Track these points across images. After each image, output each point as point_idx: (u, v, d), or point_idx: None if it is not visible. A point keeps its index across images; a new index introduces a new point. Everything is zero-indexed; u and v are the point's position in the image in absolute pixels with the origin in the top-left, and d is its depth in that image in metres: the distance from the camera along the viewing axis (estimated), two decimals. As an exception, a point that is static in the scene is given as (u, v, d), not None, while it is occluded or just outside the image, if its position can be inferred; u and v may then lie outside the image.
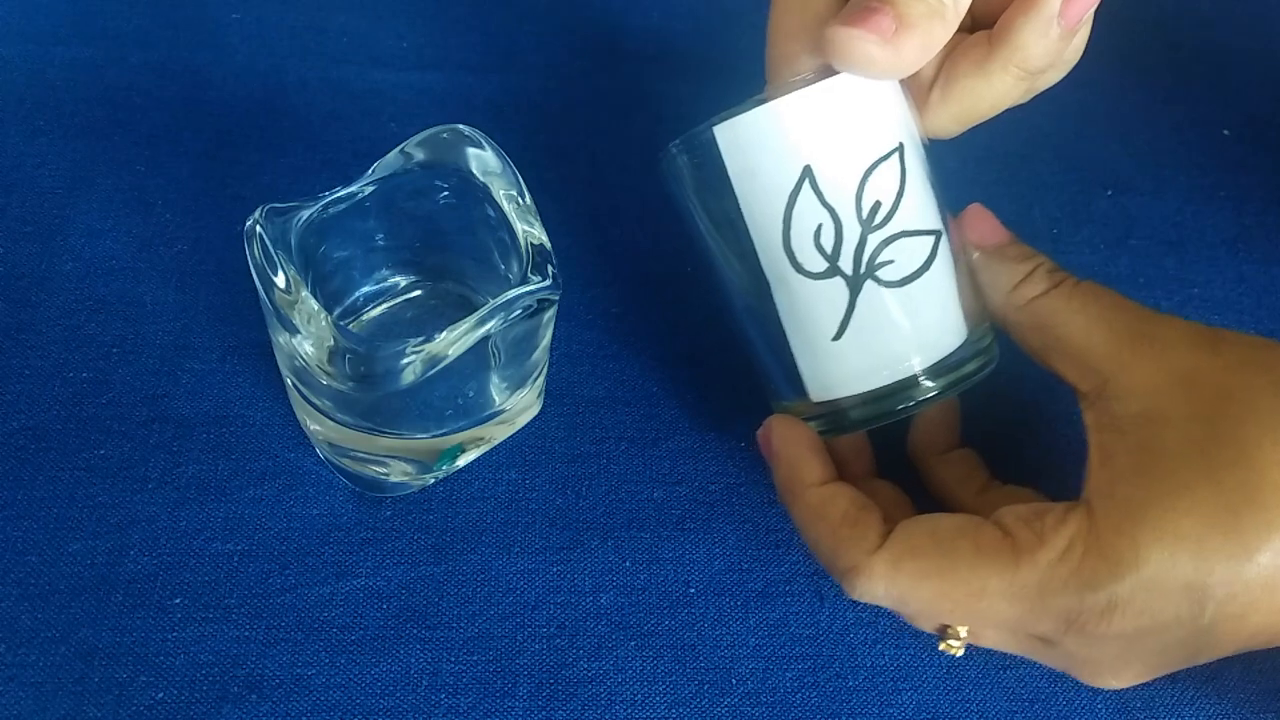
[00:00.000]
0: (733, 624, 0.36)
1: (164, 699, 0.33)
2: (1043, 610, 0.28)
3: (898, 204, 0.30)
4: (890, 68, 0.29)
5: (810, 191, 0.29)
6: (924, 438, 0.37)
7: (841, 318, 0.31)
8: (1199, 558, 0.27)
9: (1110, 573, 0.28)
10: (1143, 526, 0.28)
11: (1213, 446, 0.28)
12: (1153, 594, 0.27)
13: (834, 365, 0.32)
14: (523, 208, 0.32)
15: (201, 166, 0.44)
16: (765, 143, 0.30)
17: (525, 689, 0.34)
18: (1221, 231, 0.46)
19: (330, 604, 0.35)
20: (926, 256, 0.31)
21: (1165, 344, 0.30)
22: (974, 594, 0.29)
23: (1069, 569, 0.28)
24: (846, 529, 0.31)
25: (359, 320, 0.37)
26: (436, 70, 0.48)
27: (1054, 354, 0.32)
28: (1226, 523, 0.27)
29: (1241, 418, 0.28)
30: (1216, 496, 0.27)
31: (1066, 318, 0.31)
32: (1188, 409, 0.29)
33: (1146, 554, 0.27)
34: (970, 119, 0.32)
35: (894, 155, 0.30)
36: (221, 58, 0.48)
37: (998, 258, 0.33)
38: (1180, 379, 0.29)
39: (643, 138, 0.42)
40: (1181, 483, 0.28)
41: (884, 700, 0.35)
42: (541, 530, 0.37)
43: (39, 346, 0.39)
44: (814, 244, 0.30)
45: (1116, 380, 0.30)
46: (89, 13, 0.48)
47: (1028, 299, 0.32)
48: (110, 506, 0.36)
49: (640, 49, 0.50)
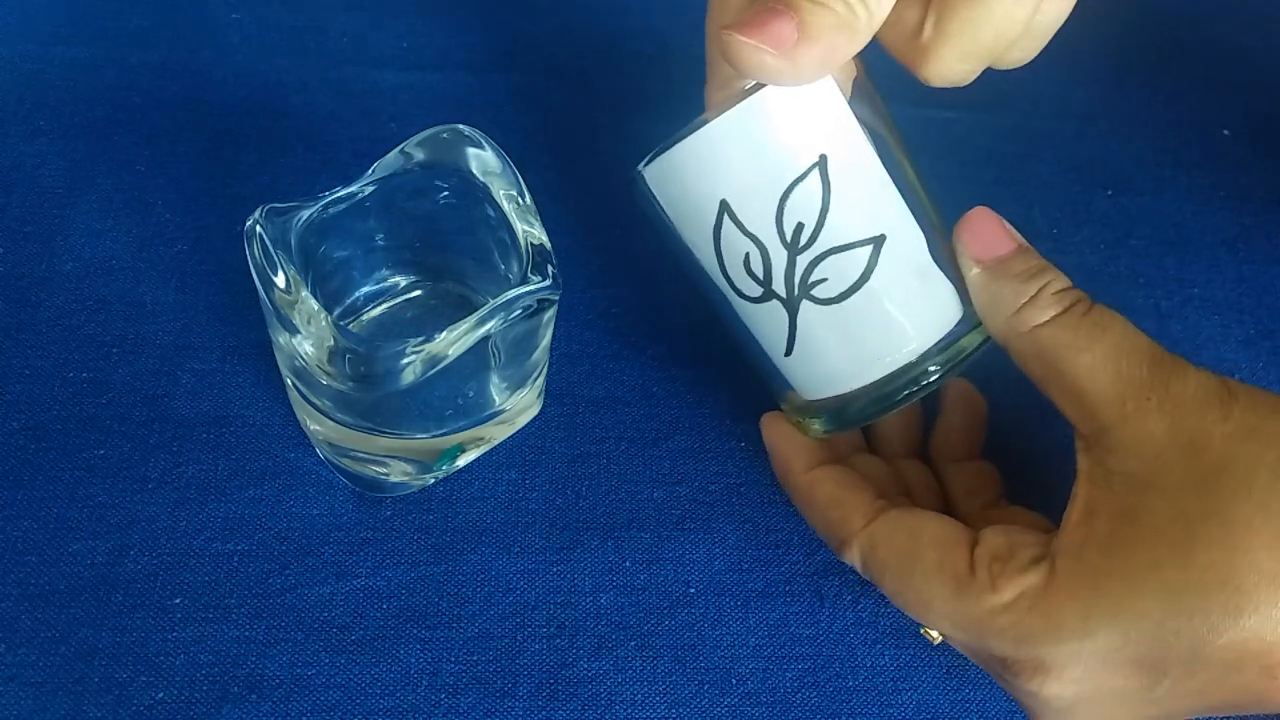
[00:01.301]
0: (733, 624, 0.36)
1: (164, 699, 0.33)
2: (980, 645, 0.29)
3: (823, 221, 0.29)
4: (789, 79, 0.27)
5: (731, 223, 0.29)
6: (942, 443, 0.38)
7: (786, 337, 0.31)
8: (1156, 639, 0.26)
9: (1049, 637, 0.27)
10: (1100, 600, 0.27)
11: (1198, 521, 0.26)
12: (1096, 666, 0.27)
13: (797, 375, 0.32)
14: (523, 208, 0.32)
15: (201, 166, 0.44)
16: (683, 180, 0.29)
17: (525, 689, 0.34)
18: (1221, 231, 0.46)
19: (330, 604, 0.35)
20: (864, 268, 0.30)
21: (1175, 401, 0.27)
22: (923, 603, 0.30)
23: (1009, 620, 0.28)
24: (834, 510, 0.33)
25: (359, 320, 0.37)
26: (436, 70, 0.48)
27: (1055, 389, 0.29)
28: (1192, 605, 0.26)
29: (1236, 492, 0.26)
30: (1187, 578, 0.26)
31: (1072, 354, 0.28)
32: (1183, 476, 0.27)
33: (1096, 627, 0.27)
34: (976, 54, 0.29)
35: (813, 172, 0.29)
36: (221, 58, 0.48)
37: (1001, 274, 0.30)
38: (1183, 443, 0.27)
39: (643, 138, 0.42)
40: (1153, 562, 0.26)
41: (884, 700, 0.35)
42: (541, 530, 0.37)
43: (39, 346, 0.39)
44: (745, 271, 0.30)
45: (1116, 432, 0.28)
46: (89, 13, 0.48)
47: (1031, 326, 0.29)
48: (110, 506, 0.36)
49: (640, 49, 0.50)
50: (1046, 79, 0.49)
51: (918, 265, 0.31)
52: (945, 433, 0.38)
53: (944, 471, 0.37)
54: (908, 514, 0.32)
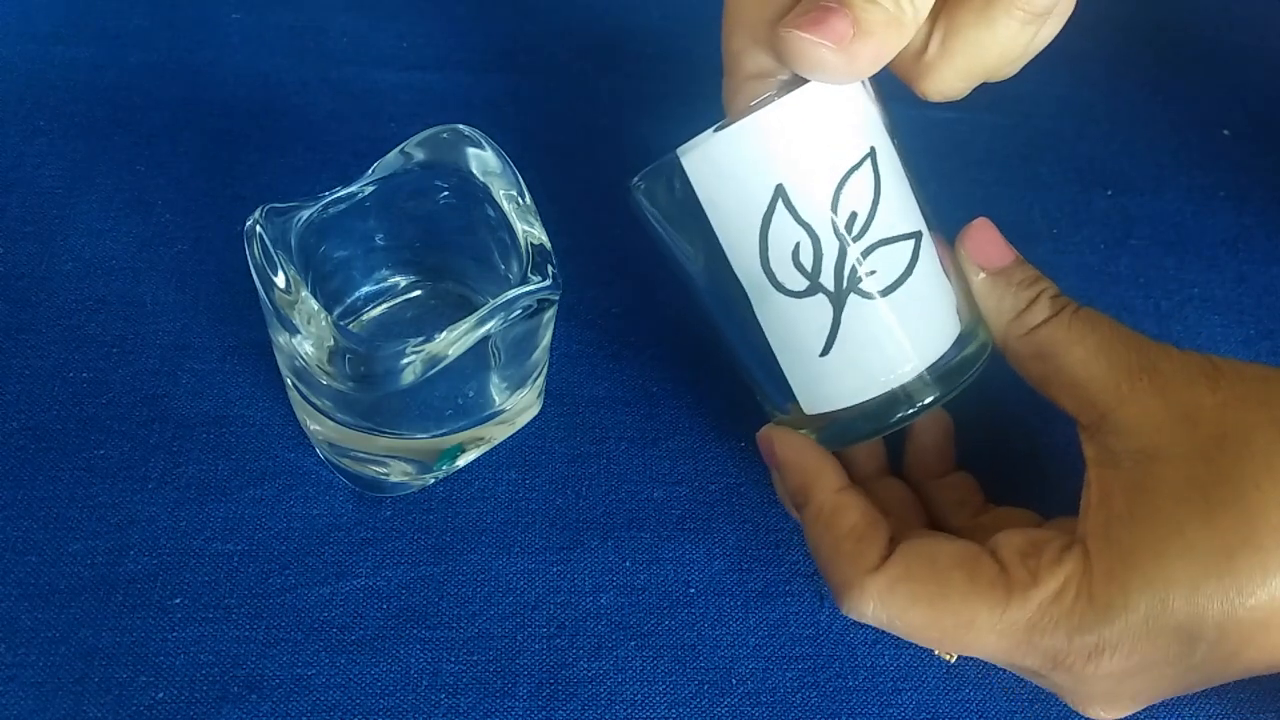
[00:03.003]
0: (733, 624, 0.36)
1: (164, 699, 0.33)
2: (1029, 648, 0.29)
3: (874, 211, 0.29)
4: (844, 75, 0.28)
5: (785, 211, 0.29)
6: (918, 462, 0.37)
7: (827, 334, 0.30)
8: (1191, 602, 0.27)
9: (1099, 618, 0.28)
10: (1134, 573, 0.28)
11: (1210, 486, 0.28)
12: (1142, 637, 0.27)
13: (826, 380, 0.31)
14: (523, 208, 0.32)
15: (201, 166, 0.44)
16: (734, 166, 0.29)
17: (525, 689, 0.34)
18: (1221, 231, 0.46)
19: (330, 604, 0.35)
20: (909, 260, 0.30)
21: (1164, 378, 0.29)
22: (963, 625, 0.29)
23: (1061, 611, 0.28)
24: (850, 543, 0.31)
25: (359, 320, 0.37)
26: (436, 70, 0.48)
27: (1054, 385, 0.31)
28: (1220, 566, 0.27)
29: (1239, 455, 0.28)
30: (1211, 539, 0.27)
31: (1067, 348, 0.31)
32: (1187, 446, 0.28)
33: (1137, 600, 0.27)
34: (977, 74, 0.30)
35: (866, 161, 0.29)
36: (221, 58, 0.48)
37: (1003, 282, 0.32)
38: (1180, 415, 0.29)
39: (643, 138, 0.42)
40: (1175, 526, 0.28)
41: (884, 700, 0.35)
42: (541, 530, 0.37)
43: (39, 346, 0.39)
44: (793, 263, 0.29)
45: (1115, 415, 0.30)
46: (89, 13, 0.48)
47: (1029, 327, 0.32)
48: (110, 506, 0.36)
49: (640, 49, 0.50)
50: (1046, 79, 0.49)
51: (940, 264, 0.32)
52: (919, 453, 0.37)
53: (925, 488, 0.37)
54: (914, 545, 0.31)
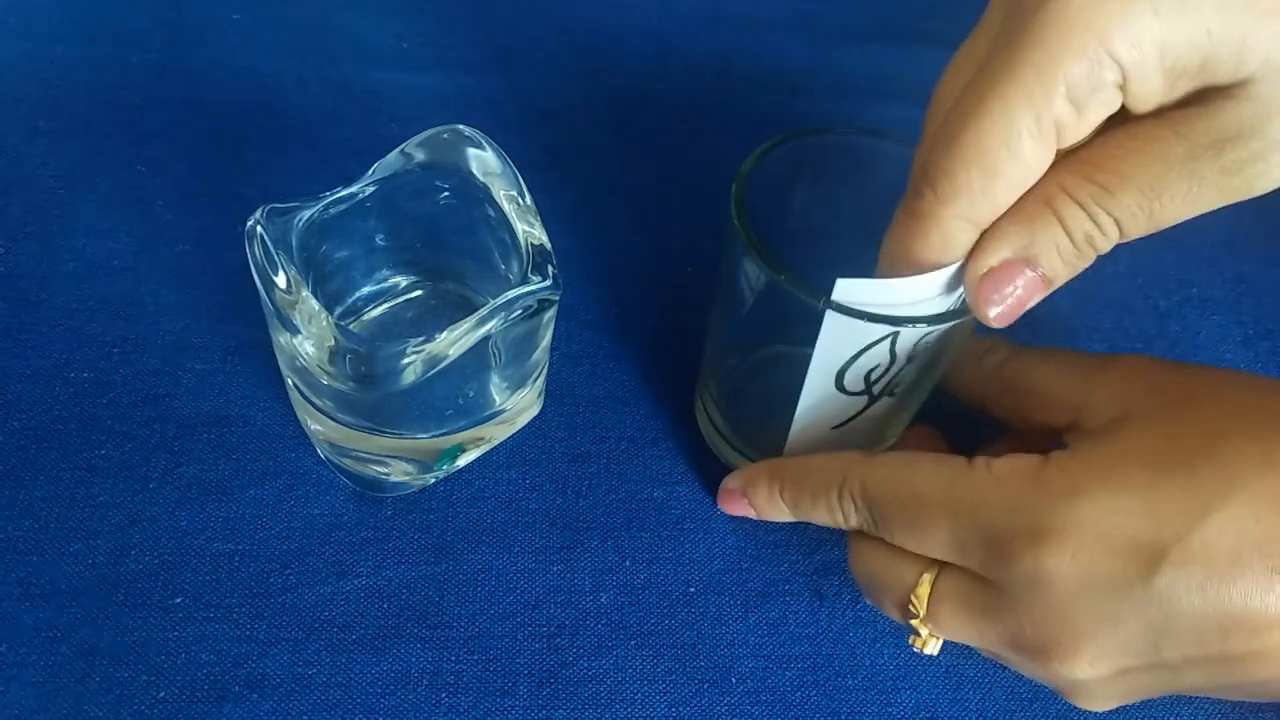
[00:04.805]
0: (732, 624, 0.36)
1: (165, 698, 0.33)
2: (973, 529, 0.29)
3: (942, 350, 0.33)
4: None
5: (887, 347, 0.31)
6: None
7: (849, 417, 0.34)
8: (1148, 511, 0.26)
9: (1038, 499, 0.28)
10: (1089, 467, 0.28)
11: (1179, 434, 0.28)
12: (1091, 541, 0.27)
13: (817, 440, 0.35)
14: (523, 208, 0.32)
15: (201, 166, 0.44)
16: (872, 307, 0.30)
17: (525, 689, 0.34)
18: (1221, 231, 0.46)
19: (331, 604, 0.35)
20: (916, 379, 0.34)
21: (1128, 368, 0.31)
22: (918, 499, 0.30)
23: (1001, 494, 0.29)
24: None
25: (359, 320, 0.37)
26: (436, 70, 0.48)
27: (1027, 406, 0.33)
28: (1182, 478, 0.27)
29: (1205, 404, 0.29)
30: (1172, 452, 0.27)
31: (1031, 372, 0.34)
32: (1155, 406, 0.30)
33: (1086, 487, 0.27)
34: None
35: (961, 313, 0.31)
36: (221, 58, 0.48)
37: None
38: (1146, 387, 0.30)
39: (643, 138, 0.42)
40: (1137, 443, 0.28)
41: (884, 700, 0.35)
42: (541, 530, 0.37)
43: (40, 346, 0.39)
44: (864, 377, 0.32)
45: (1086, 406, 0.31)
46: (89, 13, 0.48)
47: (994, 366, 0.35)
48: (111, 506, 0.36)
49: (640, 49, 0.50)
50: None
51: None
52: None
53: None
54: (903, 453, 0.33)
